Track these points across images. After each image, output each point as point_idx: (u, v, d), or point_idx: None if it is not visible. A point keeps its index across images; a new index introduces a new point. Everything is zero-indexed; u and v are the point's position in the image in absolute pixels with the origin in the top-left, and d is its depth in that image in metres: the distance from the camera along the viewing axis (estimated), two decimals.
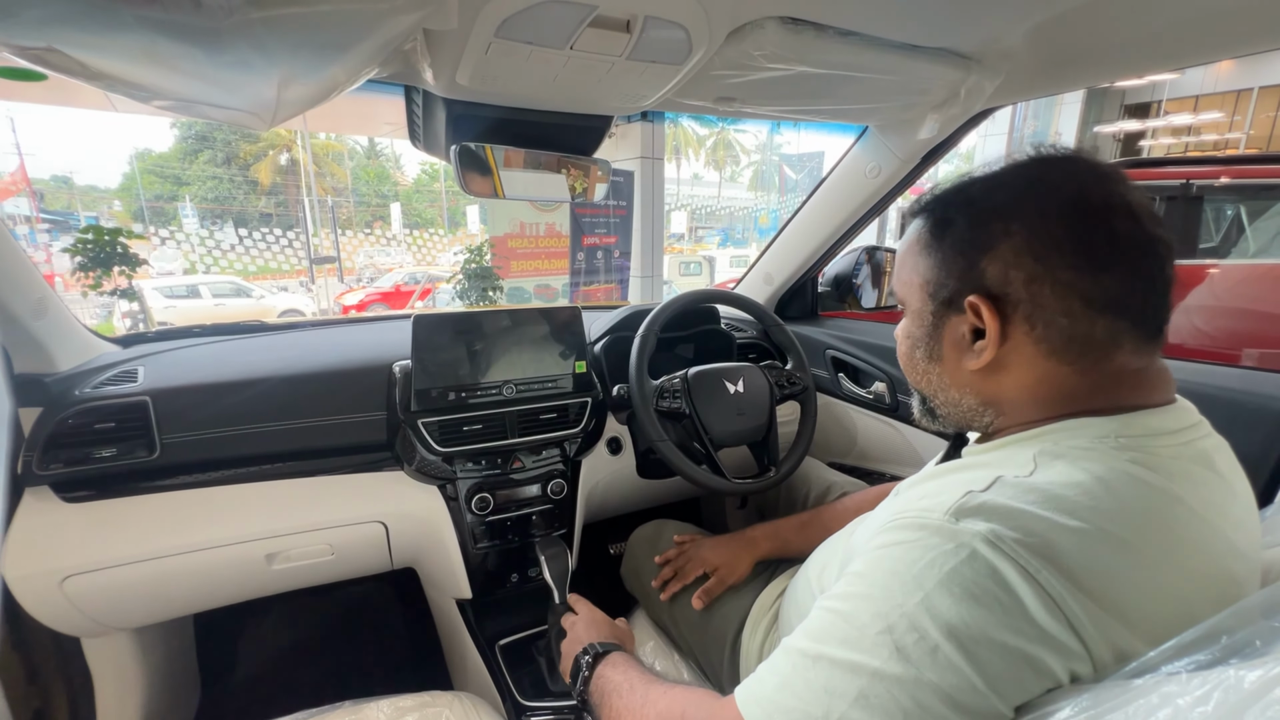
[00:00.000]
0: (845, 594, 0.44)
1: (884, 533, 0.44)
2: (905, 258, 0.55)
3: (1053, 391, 0.47)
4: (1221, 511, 0.43)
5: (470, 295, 6.98)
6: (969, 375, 0.51)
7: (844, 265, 1.54)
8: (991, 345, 0.47)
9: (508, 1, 0.57)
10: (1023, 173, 0.49)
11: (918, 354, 0.55)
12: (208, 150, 20.74)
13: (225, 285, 11.52)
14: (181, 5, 0.46)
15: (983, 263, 0.47)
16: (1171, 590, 0.39)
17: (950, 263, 0.50)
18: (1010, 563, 0.37)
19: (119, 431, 0.84)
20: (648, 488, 1.28)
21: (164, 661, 1.15)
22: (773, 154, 23.27)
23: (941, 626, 0.37)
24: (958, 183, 0.52)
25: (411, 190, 25.50)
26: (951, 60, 0.81)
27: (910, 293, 0.55)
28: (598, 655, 0.70)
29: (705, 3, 0.61)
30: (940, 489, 0.45)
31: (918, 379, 0.57)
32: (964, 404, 0.53)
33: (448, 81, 0.73)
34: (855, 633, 0.41)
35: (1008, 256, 0.46)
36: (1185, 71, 10.59)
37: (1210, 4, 0.66)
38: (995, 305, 0.47)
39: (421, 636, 1.38)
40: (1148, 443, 0.44)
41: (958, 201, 0.51)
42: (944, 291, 0.50)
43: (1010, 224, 0.46)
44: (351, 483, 0.99)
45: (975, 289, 0.48)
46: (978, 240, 0.48)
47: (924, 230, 0.53)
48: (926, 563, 0.39)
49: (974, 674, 0.36)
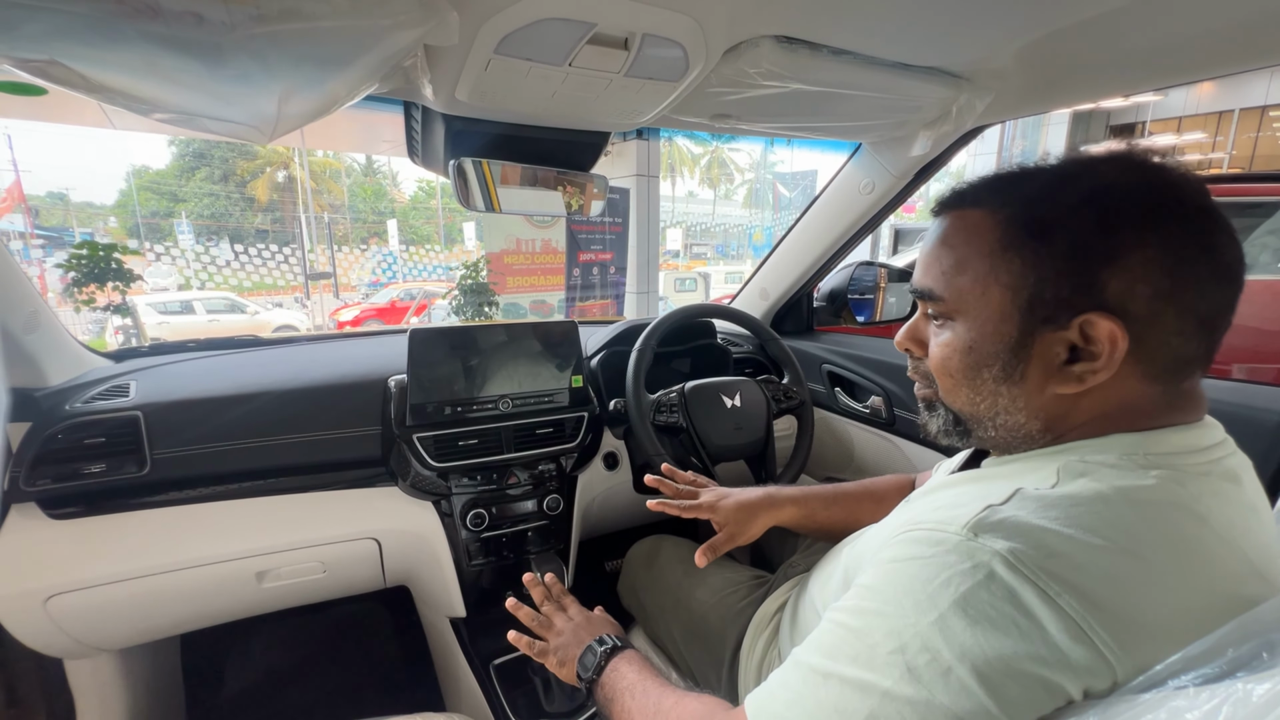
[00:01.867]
0: (857, 608, 0.43)
1: (896, 544, 0.43)
2: (967, 255, 0.47)
3: (1120, 408, 0.44)
4: (1245, 532, 0.41)
5: (466, 311, 6.98)
6: (1050, 399, 0.45)
7: (839, 280, 1.55)
8: (1107, 369, 0.42)
9: (508, 18, 0.57)
10: (1135, 173, 0.43)
11: (987, 372, 0.47)
12: (205, 167, 20.82)
13: (219, 301, 11.47)
14: (183, 20, 0.47)
15: (1105, 274, 0.41)
16: (1191, 611, 0.38)
17: (1059, 270, 0.43)
18: (1030, 585, 0.36)
19: (109, 447, 0.83)
20: (644, 503, 1.26)
21: (149, 684, 1.12)
22: (766, 172, 23.56)
23: (955, 649, 0.36)
24: (1045, 177, 0.46)
25: (408, 207, 25.64)
26: (943, 79, 0.83)
27: (970, 300, 0.47)
28: (614, 649, 0.67)
29: (702, 21, 0.62)
30: (956, 500, 0.44)
31: (974, 400, 0.48)
32: (1025, 429, 0.47)
33: (447, 97, 0.74)
34: (866, 651, 0.40)
35: (1137, 270, 0.40)
36: (1168, 93, 10.86)
37: (1193, 27, 0.68)
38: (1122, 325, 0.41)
39: (414, 656, 1.35)
40: (1176, 460, 0.42)
41: (1065, 202, 0.43)
42: (1043, 304, 0.43)
43: (1145, 233, 0.40)
44: (345, 499, 0.98)
45: (1094, 305, 0.41)
46: (1101, 247, 0.41)
47: (1005, 224, 0.45)
48: (942, 581, 0.38)
49: (988, 699, 0.35)
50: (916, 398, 0.57)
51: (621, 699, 0.60)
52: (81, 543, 0.83)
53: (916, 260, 0.52)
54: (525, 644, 0.74)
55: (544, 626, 0.76)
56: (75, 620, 0.84)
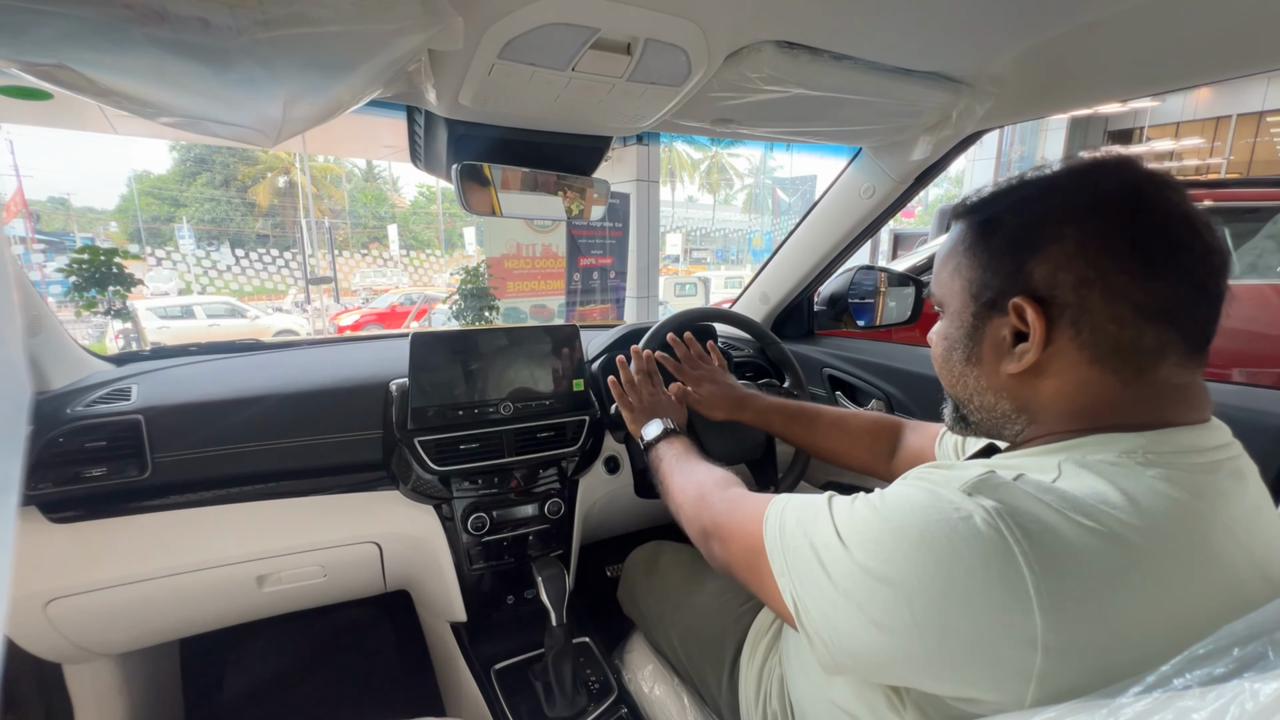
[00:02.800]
0: (866, 498, 0.47)
1: (894, 484, 0.47)
2: (947, 259, 0.54)
3: (1092, 400, 0.46)
4: (1250, 532, 0.42)
5: (466, 315, 6.99)
6: (1007, 379, 0.50)
7: (839, 284, 1.55)
8: (1035, 348, 0.46)
9: (512, 24, 0.58)
10: (1077, 175, 0.47)
11: (955, 356, 0.54)
12: (206, 172, 20.90)
13: (219, 306, 11.49)
14: (190, 25, 0.47)
15: (1030, 264, 0.46)
16: (1187, 607, 0.38)
17: (996, 264, 0.49)
18: (1000, 539, 0.38)
19: (110, 450, 0.83)
20: (646, 507, 1.26)
21: (148, 689, 1.11)
22: (766, 177, 23.66)
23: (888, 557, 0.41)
24: (1007, 184, 0.51)
25: (408, 212, 25.72)
26: (943, 84, 0.84)
27: (950, 294, 0.54)
28: (668, 432, 0.88)
29: (705, 27, 0.62)
30: (964, 465, 0.46)
31: (953, 382, 0.56)
32: (998, 409, 0.52)
33: (450, 102, 0.74)
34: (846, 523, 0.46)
35: (1058, 259, 0.45)
36: (1166, 98, 10.91)
37: (1190, 33, 0.68)
38: (1041, 308, 0.45)
39: (414, 661, 1.35)
40: (1178, 459, 0.42)
41: (1008, 203, 0.50)
42: (988, 292, 0.49)
43: (1063, 226, 0.45)
44: (345, 502, 0.98)
45: (1021, 291, 0.46)
46: (1026, 241, 0.47)
47: (969, 231, 0.52)
48: (919, 507, 0.42)
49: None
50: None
51: (666, 458, 0.83)
52: (82, 546, 0.83)
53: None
54: (618, 395, 0.97)
55: (632, 390, 0.97)
56: (75, 625, 0.84)
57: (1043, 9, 0.65)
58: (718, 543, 0.62)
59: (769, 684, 0.73)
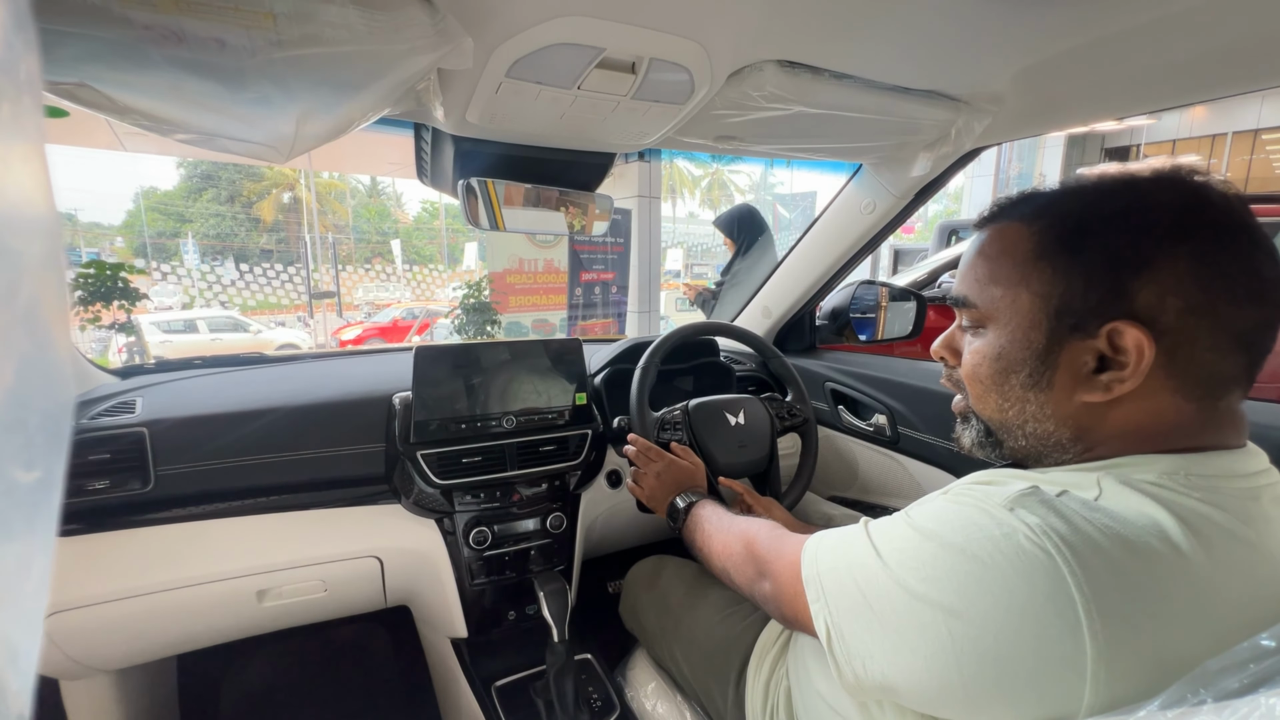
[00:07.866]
0: (906, 513, 0.46)
1: (933, 499, 0.46)
2: (995, 266, 0.48)
3: (1161, 427, 0.43)
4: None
5: (468, 330, 7.00)
6: (1079, 407, 0.45)
7: (841, 299, 1.56)
8: (1135, 378, 0.41)
9: (521, 43, 0.59)
10: (1168, 187, 0.43)
11: (1015, 380, 0.47)
12: (212, 188, 21.11)
13: (222, 320, 11.54)
14: (207, 45, 0.48)
15: (1135, 284, 0.41)
16: (1236, 637, 0.35)
17: (1089, 279, 0.43)
18: (1044, 555, 0.36)
19: (114, 463, 0.83)
20: (648, 522, 1.26)
21: (145, 706, 1.10)
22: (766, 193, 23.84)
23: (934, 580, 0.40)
24: (1071, 189, 0.46)
25: (412, 228, 25.92)
26: (942, 102, 0.85)
27: (1003, 309, 0.47)
28: (692, 504, 0.85)
29: (708, 47, 0.64)
30: (1004, 480, 0.44)
31: (1004, 407, 0.49)
32: (1056, 437, 0.47)
33: (458, 119, 0.76)
34: (886, 543, 0.45)
35: (1167, 281, 0.40)
36: (1162, 116, 11.02)
37: (1186, 52, 0.69)
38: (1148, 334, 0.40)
39: (413, 678, 1.33)
40: (1220, 484, 0.41)
41: (1095, 212, 0.44)
42: (1072, 310, 0.43)
43: (1178, 245, 0.40)
44: (347, 516, 0.98)
45: (1123, 314, 0.41)
46: (1132, 258, 0.41)
47: (1038, 237, 0.45)
48: (961, 522, 0.41)
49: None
50: (954, 413, 0.57)
51: (702, 525, 0.79)
52: (82, 560, 0.82)
53: (956, 272, 0.53)
54: (634, 491, 0.98)
55: (641, 477, 0.96)
56: (74, 639, 0.83)
57: (1039, 30, 0.67)
58: (769, 583, 0.60)
59: (776, 697, 0.72)
